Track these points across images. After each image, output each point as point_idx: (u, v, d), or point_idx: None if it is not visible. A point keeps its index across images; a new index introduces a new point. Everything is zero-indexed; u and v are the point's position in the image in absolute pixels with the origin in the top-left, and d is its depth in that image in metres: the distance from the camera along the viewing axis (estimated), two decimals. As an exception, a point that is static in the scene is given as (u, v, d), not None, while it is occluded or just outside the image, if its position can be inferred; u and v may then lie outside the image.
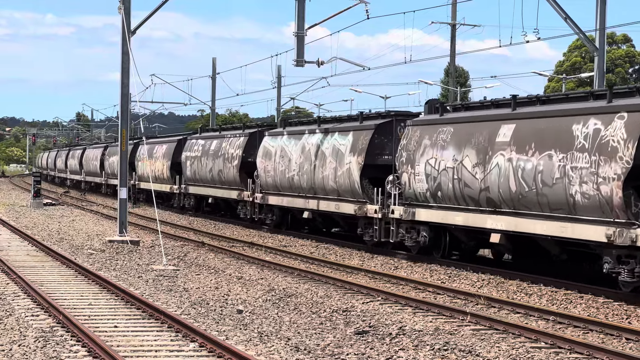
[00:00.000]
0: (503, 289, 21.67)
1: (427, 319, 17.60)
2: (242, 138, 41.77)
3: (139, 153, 58.38)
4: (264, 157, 37.96)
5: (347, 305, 18.85)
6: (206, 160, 45.32)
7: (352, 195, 30.81)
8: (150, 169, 54.85)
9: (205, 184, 45.76)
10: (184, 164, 48.63)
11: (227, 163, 42.45)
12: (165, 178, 52.71)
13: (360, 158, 30.29)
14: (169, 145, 53.53)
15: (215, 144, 44.82)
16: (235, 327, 16.18)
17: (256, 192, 38.90)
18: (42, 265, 25.09)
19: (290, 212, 37.22)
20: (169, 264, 25.60)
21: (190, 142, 49.12)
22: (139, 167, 58.11)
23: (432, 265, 26.23)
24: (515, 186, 22.88)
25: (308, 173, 33.73)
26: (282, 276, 23.80)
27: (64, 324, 16.04)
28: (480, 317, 17.29)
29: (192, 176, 47.55)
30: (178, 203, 50.75)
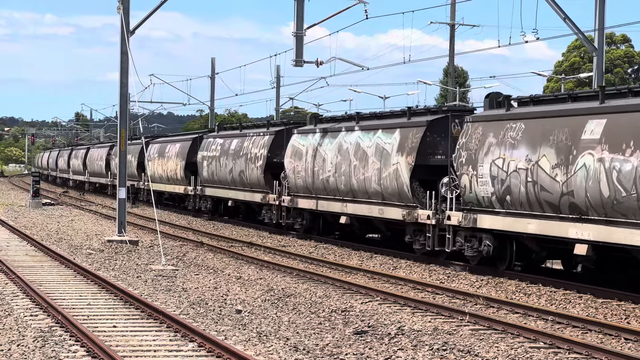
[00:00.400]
0: (502, 289, 21.67)
1: (426, 319, 17.60)
2: (267, 137, 38.65)
3: (150, 152, 55.34)
4: (293, 157, 35.24)
5: (346, 305, 18.85)
6: (225, 160, 42.35)
7: (399, 199, 28.16)
8: (162, 169, 52.33)
9: (225, 185, 42.86)
10: (200, 164, 45.70)
11: (250, 164, 39.46)
12: (178, 179, 49.83)
13: (410, 158, 27.56)
14: (183, 144, 50.36)
15: (235, 143, 41.65)
16: (234, 327, 16.18)
17: (283, 194, 36.10)
18: (40, 265, 25.09)
19: (322, 217, 34.36)
20: (168, 264, 25.59)
21: (207, 141, 45.85)
22: (150, 167, 54.13)
23: (431, 265, 26.23)
24: (609, 190, 20.13)
25: (346, 174, 31.07)
26: (281, 276, 23.80)
27: (62, 323, 16.04)
28: (479, 317, 17.29)
29: (209, 177, 44.64)
30: (193, 205, 47.75)
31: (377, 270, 24.76)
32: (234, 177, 41.26)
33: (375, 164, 29.39)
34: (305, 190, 34.29)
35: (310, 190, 33.92)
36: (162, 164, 52.52)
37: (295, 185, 35.04)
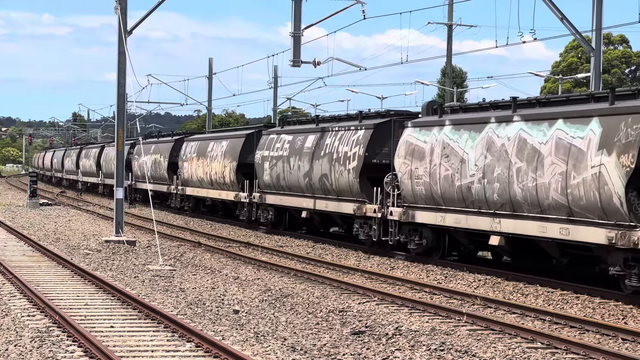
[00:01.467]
0: (499, 289, 21.68)
1: (423, 319, 17.60)
2: (361, 131, 30.65)
3: (185, 152, 48.42)
4: (409, 157, 27.36)
5: (344, 306, 18.85)
6: (298, 161, 34.56)
7: (603, 215, 20.42)
8: (203, 171, 44.87)
9: (296, 192, 34.83)
10: (259, 165, 38.01)
11: (337, 165, 31.53)
12: (227, 183, 41.89)
13: (626, 158, 19.76)
14: (232, 142, 42.07)
15: (312, 140, 33.92)
16: (231, 327, 16.17)
17: (390, 205, 28.27)
18: (38, 266, 25.07)
19: (447, 234, 26.84)
20: (165, 264, 25.58)
21: (269, 138, 37.89)
22: (185, 169, 47.72)
23: (428, 265, 26.23)
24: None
25: (502, 180, 23.43)
26: (278, 276, 23.79)
27: (60, 324, 16.03)
28: (476, 318, 17.29)
29: (272, 182, 36.73)
30: (248, 215, 39.60)
31: (374, 271, 24.76)
32: (311, 182, 33.50)
33: (557, 167, 21.81)
34: (429, 200, 26.58)
35: (437, 200, 26.21)
36: (204, 166, 44.90)
37: (413, 194, 27.15)
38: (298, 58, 33.69)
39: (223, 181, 42.43)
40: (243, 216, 40.21)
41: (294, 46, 33.50)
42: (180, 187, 48.88)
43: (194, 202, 47.98)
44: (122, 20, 32.04)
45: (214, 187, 43.99)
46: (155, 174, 53.90)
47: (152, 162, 54.71)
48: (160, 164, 52.79)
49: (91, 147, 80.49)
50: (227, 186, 41.99)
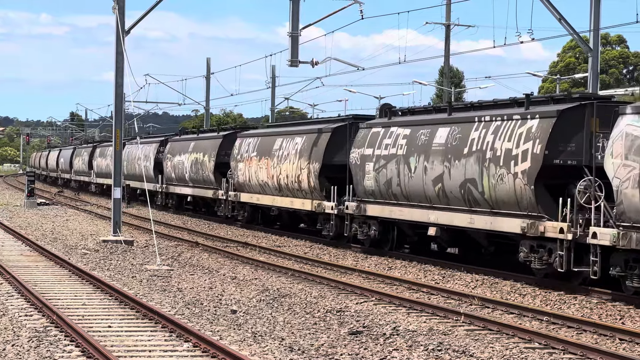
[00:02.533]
0: (497, 289, 21.68)
1: (421, 319, 17.61)
2: (536, 122, 22.58)
3: (239, 150, 40.24)
4: (630, 156, 19.35)
5: (341, 306, 18.85)
6: (423, 161, 26.33)
7: None
8: (268, 174, 36.75)
9: (417, 202, 26.79)
10: (358, 167, 29.89)
11: (491, 167, 23.50)
12: (304, 190, 33.69)
13: None
14: (312, 138, 33.75)
15: (444, 133, 25.69)
16: (229, 327, 16.17)
17: (594, 224, 20.45)
18: (35, 265, 25.06)
19: None
20: (163, 264, 25.58)
21: (371, 133, 29.67)
22: (240, 172, 39.75)
23: (426, 265, 26.24)
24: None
25: None
26: (276, 276, 23.79)
27: (57, 323, 16.03)
28: (474, 318, 17.30)
29: (378, 189, 28.68)
30: (334, 229, 31.60)
31: (372, 271, 24.76)
32: (445, 189, 25.34)
33: None
34: None
35: None
36: (268, 167, 36.83)
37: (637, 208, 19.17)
38: (296, 58, 33.69)
39: (298, 187, 34.05)
40: (328, 231, 32.02)
41: (291, 46, 33.50)
42: (233, 193, 40.46)
43: (251, 212, 39.78)
44: (120, 20, 32.02)
45: (282, 193, 35.65)
46: (197, 177, 45.89)
47: (192, 163, 46.38)
48: (203, 164, 44.82)
49: (107, 145, 69.32)
50: (304, 193, 33.64)
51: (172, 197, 51.16)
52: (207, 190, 44.47)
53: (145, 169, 54.39)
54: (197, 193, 46.25)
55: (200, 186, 45.63)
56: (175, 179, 49.58)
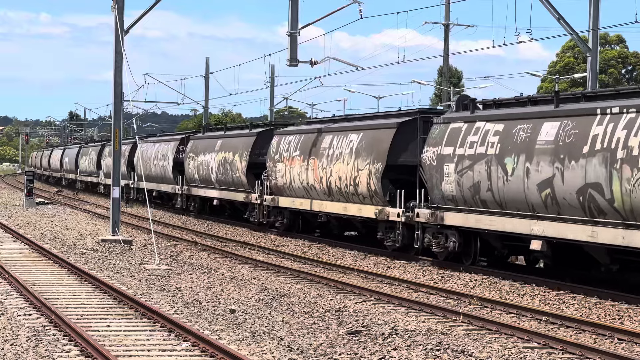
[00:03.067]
0: (496, 289, 21.68)
1: (419, 319, 17.61)
2: None
3: (278, 148, 36.07)
4: None
5: (340, 305, 18.85)
6: (524, 162, 22.62)
7: None
8: (315, 176, 32.58)
9: (514, 210, 23.04)
10: (434, 169, 26.09)
11: (624, 169, 19.61)
12: (360, 193, 29.61)
13: None
14: (373, 135, 29.42)
15: (551, 130, 21.99)
16: (227, 326, 16.17)
17: None
18: (34, 265, 25.05)
19: None
20: (162, 264, 25.57)
21: (450, 129, 25.81)
22: (279, 173, 35.70)
23: (425, 265, 26.23)
24: None
25: None
26: (274, 276, 23.79)
27: (56, 323, 16.02)
28: (472, 317, 17.30)
29: (461, 194, 24.96)
30: (401, 239, 27.80)
31: (370, 270, 24.76)
32: (556, 195, 21.57)
33: None
34: None
35: None
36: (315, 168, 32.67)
37: None
38: (295, 57, 33.69)
39: (354, 190, 30.00)
40: (393, 242, 28.21)
41: (290, 46, 33.49)
42: (269, 197, 36.21)
43: (291, 218, 35.67)
44: (119, 19, 32.02)
45: (333, 198, 31.57)
46: (225, 178, 41.75)
47: (220, 163, 42.22)
48: (233, 165, 40.66)
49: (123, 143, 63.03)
50: (361, 198, 29.66)
51: (195, 200, 46.71)
52: (237, 193, 40.09)
53: (162, 169, 50.83)
54: (225, 196, 41.94)
55: (230, 189, 41.19)
56: (199, 180, 45.08)
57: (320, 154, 32.34)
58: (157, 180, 52.58)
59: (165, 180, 50.74)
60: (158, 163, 52.22)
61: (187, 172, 46.76)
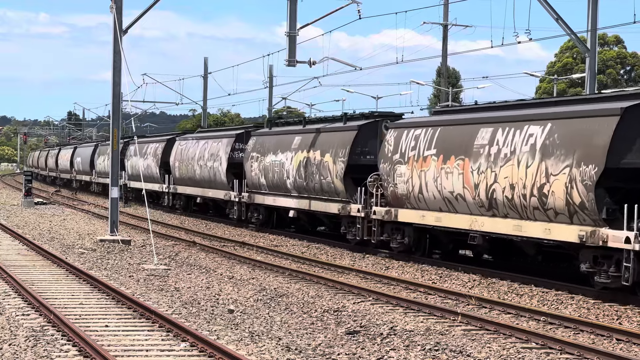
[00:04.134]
0: (494, 289, 21.69)
1: (418, 319, 17.61)
2: None
3: (396, 146, 27.75)
4: None
5: (339, 305, 18.85)
6: None
7: None
8: (467, 181, 24.43)
9: None
10: None
11: None
12: (556, 208, 21.21)
13: None
14: (564, 125, 21.47)
15: None
16: (226, 326, 16.17)
17: None
18: (32, 265, 25.04)
19: None
20: (160, 264, 25.56)
21: None
22: (399, 177, 27.47)
23: (423, 265, 26.24)
24: None
25: None
26: (273, 276, 23.79)
27: (54, 323, 16.02)
28: (471, 318, 17.30)
29: None
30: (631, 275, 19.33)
31: (369, 270, 24.76)
32: None
33: None
34: None
35: None
36: (465, 172, 24.59)
37: None
38: (293, 58, 33.67)
39: (540, 204, 21.58)
40: (605, 278, 20.02)
41: (289, 46, 33.48)
42: (383, 210, 27.93)
43: (415, 237, 27.27)
44: (118, 19, 32.03)
45: (493, 212, 23.53)
46: (309, 184, 33.21)
47: (300, 165, 33.91)
48: (322, 167, 32.09)
49: (145, 141, 56.98)
50: (554, 214, 21.30)
51: (258, 210, 38.13)
52: (328, 203, 31.68)
53: (211, 171, 42.49)
54: (310, 207, 33.20)
55: (316, 197, 32.59)
56: (267, 186, 36.72)
57: (473, 153, 24.28)
58: (202, 184, 44.28)
59: (215, 184, 42.37)
60: (205, 164, 43.45)
61: (248, 176, 38.51)
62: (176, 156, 48.37)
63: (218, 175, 42.05)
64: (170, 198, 50.02)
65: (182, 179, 47.30)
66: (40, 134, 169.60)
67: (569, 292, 21.04)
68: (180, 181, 47.66)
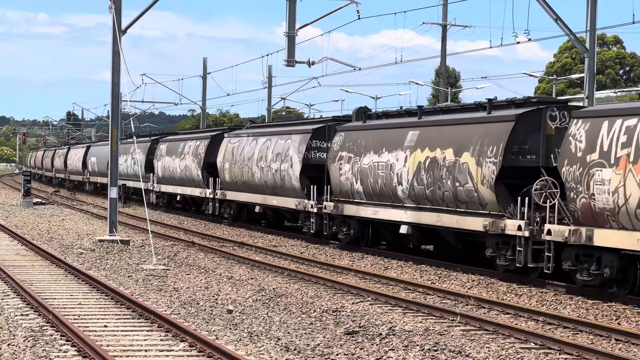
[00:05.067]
0: (493, 289, 21.69)
1: (417, 319, 17.61)
2: None
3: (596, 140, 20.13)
4: None
5: (337, 306, 18.85)
6: None
7: None
8: None
9: None
10: None
11: None
12: None
13: None
14: None
15: None
16: (225, 327, 16.17)
17: None
18: (31, 265, 25.04)
19: None
20: (159, 264, 25.56)
21: None
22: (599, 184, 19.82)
23: (422, 265, 26.23)
24: None
25: None
26: (272, 276, 23.78)
27: (53, 323, 16.01)
28: (470, 318, 17.30)
29: None
30: None
31: (368, 271, 24.76)
32: None
33: None
34: None
35: None
36: None
37: None
38: (292, 58, 33.66)
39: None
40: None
41: (288, 46, 33.47)
42: (567, 230, 20.60)
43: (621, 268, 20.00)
44: (117, 19, 32.03)
45: None
46: (434, 192, 25.83)
47: (421, 167, 26.56)
48: (457, 170, 24.78)
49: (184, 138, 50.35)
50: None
51: (347, 223, 30.89)
52: (467, 217, 24.49)
53: (277, 175, 35.81)
54: (430, 220, 26.19)
55: (439, 208, 25.67)
56: (364, 193, 29.59)
57: None
58: (263, 190, 37.29)
59: (283, 191, 35.33)
60: (268, 166, 36.61)
61: (334, 181, 31.49)
62: (225, 156, 41.17)
63: (287, 180, 34.80)
64: (217, 206, 42.63)
65: (233, 184, 40.10)
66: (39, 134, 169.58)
67: (567, 292, 21.04)
68: (231, 186, 40.51)
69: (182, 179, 47.13)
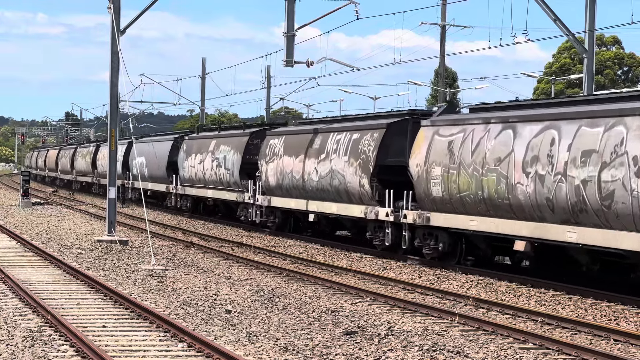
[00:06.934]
0: (492, 289, 21.69)
1: (415, 319, 17.61)
2: None
3: None
4: None
5: (336, 306, 18.85)
6: None
7: None
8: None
9: None
10: None
11: None
12: None
13: None
14: None
15: None
16: (223, 327, 16.17)
17: None
18: (30, 265, 25.03)
19: None
20: (158, 264, 25.56)
21: None
22: None
23: (421, 266, 26.24)
24: None
25: None
26: (271, 276, 23.78)
27: (52, 323, 16.01)
28: (468, 318, 17.30)
29: None
30: None
31: (366, 271, 24.75)
32: None
33: None
34: None
35: None
36: None
37: None
38: (291, 58, 33.64)
39: None
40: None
41: (287, 46, 33.46)
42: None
43: None
44: (115, 19, 32.02)
45: None
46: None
47: None
48: None
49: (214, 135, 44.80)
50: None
51: (436, 236, 25.79)
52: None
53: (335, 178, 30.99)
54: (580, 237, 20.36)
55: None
56: (462, 204, 24.24)
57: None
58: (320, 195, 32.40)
59: (348, 196, 30.34)
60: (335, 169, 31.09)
61: (420, 188, 26.14)
62: (269, 156, 36.48)
63: (351, 185, 30.01)
64: (258, 213, 37.43)
65: (278, 187, 35.43)
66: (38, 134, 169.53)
67: (566, 292, 21.05)
68: (276, 190, 35.70)
69: (214, 181, 42.49)
